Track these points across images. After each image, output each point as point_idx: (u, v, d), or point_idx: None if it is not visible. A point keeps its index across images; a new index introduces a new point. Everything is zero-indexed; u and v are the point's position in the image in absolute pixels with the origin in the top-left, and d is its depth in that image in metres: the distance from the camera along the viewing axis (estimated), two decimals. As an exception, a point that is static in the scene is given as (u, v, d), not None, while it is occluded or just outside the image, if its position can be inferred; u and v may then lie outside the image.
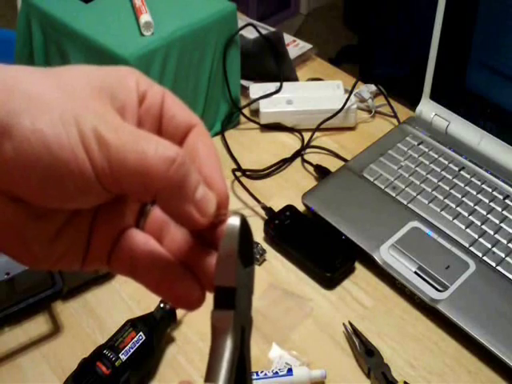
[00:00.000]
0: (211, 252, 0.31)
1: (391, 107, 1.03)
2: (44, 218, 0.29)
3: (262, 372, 0.67)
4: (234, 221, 0.29)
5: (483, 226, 0.80)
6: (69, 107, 0.27)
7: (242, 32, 1.02)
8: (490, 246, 0.78)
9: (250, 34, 1.07)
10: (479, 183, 0.86)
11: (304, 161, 0.96)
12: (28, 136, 0.25)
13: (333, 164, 0.93)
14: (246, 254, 0.29)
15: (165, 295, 0.31)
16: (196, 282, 0.31)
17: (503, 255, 0.77)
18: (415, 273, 0.75)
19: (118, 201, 0.31)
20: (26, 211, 0.28)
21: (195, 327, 0.74)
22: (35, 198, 0.27)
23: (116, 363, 0.64)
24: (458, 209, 0.82)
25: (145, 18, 0.86)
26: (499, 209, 0.82)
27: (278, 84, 1.03)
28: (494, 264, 0.76)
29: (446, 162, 0.89)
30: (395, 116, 1.02)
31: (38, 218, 0.28)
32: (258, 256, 0.80)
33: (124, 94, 0.29)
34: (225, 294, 0.29)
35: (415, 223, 0.81)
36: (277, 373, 0.67)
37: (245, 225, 0.29)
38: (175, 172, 0.27)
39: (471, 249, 0.78)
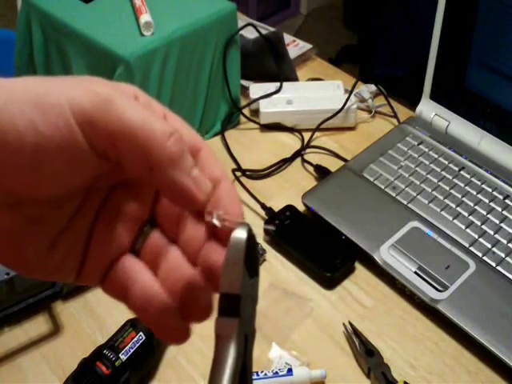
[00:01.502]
0: (205, 286, 0.30)
1: (391, 107, 1.03)
2: (39, 225, 0.28)
3: (262, 372, 0.67)
4: (240, 232, 0.29)
5: (483, 226, 0.80)
6: (57, 85, 0.27)
7: (242, 32, 1.02)
8: (490, 246, 0.78)
9: (250, 34, 1.07)
10: (479, 183, 0.86)
11: (304, 161, 0.96)
12: (14, 121, 0.25)
13: (333, 164, 0.93)
14: (252, 264, 0.29)
15: (151, 327, 0.31)
16: (184, 320, 0.30)
17: (503, 255, 0.77)
18: (415, 273, 0.75)
19: (115, 219, 0.30)
20: (22, 217, 0.28)
21: (196, 327, 0.73)
22: (24, 186, 0.27)
23: (116, 363, 0.64)
24: (458, 209, 0.82)
25: (145, 18, 0.86)
26: (499, 209, 0.82)
27: (278, 84, 1.03)
28: (494, 264, 0.76)
29: (446, 162, 0.89)
30: (395, 116, 1.02)
31: (33, 224, 0.28)
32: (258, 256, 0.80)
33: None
34: (229, 301, 0.29)
35: (415, 223, 0.81)
36: (277, 373, 0.67)
37: (251, 236, 0.29)
38: (173, 144, 0.27)
39: (471, 249, 0.78)
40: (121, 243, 0.31)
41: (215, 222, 0.29)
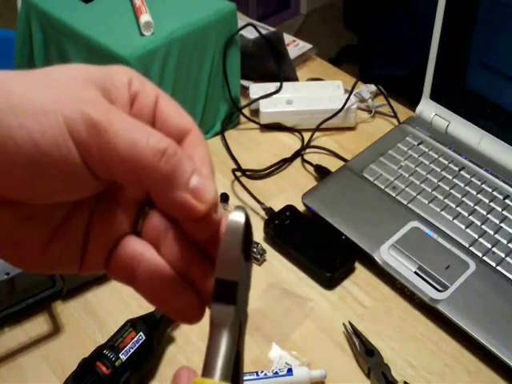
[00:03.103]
0: (210, 264, 0.30)
1: (391, 107, 1.03)
2: (35, 221, 0.28)
3: (262, 372, 0.67)
4: (238, 216, 0.28)
5: (483, 226, 0.80)
6: (53, 98, 0.26)
7: (242, 32, 1.02)
8: (489, 246, 0.78)
9: (250, 34, 1.07)
10: (479, 183, 0.86)
11: (304, 161, 0.96)
12: (12, 132, 0.25)
13: (333, 164, 0.93)
14: (247, 248, 0.29)
15: (164, 308, 0.30)
16: (196, 295, 0.30)
17: (503, 255, 0.77)
18: (415, 273, 0.75)
19: (114, 205, 0.30)
20: (15, 214, 0.27)
21: (195, 327, 0.73)
22: (19, 194, 0.27)
23: (116, 363, 0.64)
24: (458, 209, 0.82)
25: (145, 18, 0.86)
26: (499, 209, 0.82)
27: (277, 84, 1.03)
28: (494, 264, 0.76)
29: (446, 162, 0.89)
30: (395, 116, 1.02)
31: (28, 220, 0.28)
32: (258, 256, 0.80)
33: (115, 89, 0.29)
34: (226, 287, 0.28)
35: (415, 223, 0.81)
36: (277, 373, 0.67)
37: (247, 219, 0.29)
38: (166, 163, 0.27)
39: (471, 249, 0.78)
40: (121, 227, 0.30)
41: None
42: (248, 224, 0.29)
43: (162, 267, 0.30)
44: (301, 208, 0.86)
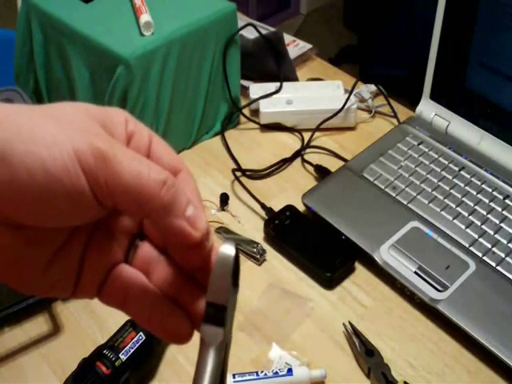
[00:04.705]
0: (198, 289, 0.32)
1: (391, 107, 1.03)
2: (37, 243, 0.29)
3: (262, 372, 0.67)
4: (229, 249, 0.31)
5: (483, 226, 0.80)
6: (62, 129, 0.27)
7: (242, 32, 1.02)
8: (489, 246, 0.78)
9: (250, 34, 1.07)
10: (479, 183, 0.86)
11: (304, 161, 0.96)
12: (23, 159, 0.26)
13: (333, 164, 0.93)
14: (235, 275, 0.31)
15: (155, 329, 0.32)
16: (185, 317, 0.32)
17: (503, 255, 0.77)
18: (415, 273, 0.75)
19: (109, 235, 0.32)
20: (21, 238, 0.29)
21: (195, 327, 0.73)
22: (27, 218, 0.28)
23: (116, 363, 0.64)
24: (458, 209, 0.82)
25: (145, 18, 0.86)
26: (499, 209, 0.82)
27: (278, 84, 1.03)
28: (494, 264, 0.76)
29: (446, 162, 0.89)
30: (395, 116, 1.02)
31: (30, 242, 0.29)
32: (258, 256, 0.80)
33: (113, 127, 0.30)
34: (216, 310, 0.31)
35: (415, 223, 0.81)
36: (277, 373, 0.67)
37: (237, 251, 0.31)
38: (166, 193, 0.29)
39: (471, 249, 0.78)
40: (115, 256, 0.32)
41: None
42: (237, 255, 0.31)
43: (152, 290, 0.32)
44: (301, 208, 0.86)
